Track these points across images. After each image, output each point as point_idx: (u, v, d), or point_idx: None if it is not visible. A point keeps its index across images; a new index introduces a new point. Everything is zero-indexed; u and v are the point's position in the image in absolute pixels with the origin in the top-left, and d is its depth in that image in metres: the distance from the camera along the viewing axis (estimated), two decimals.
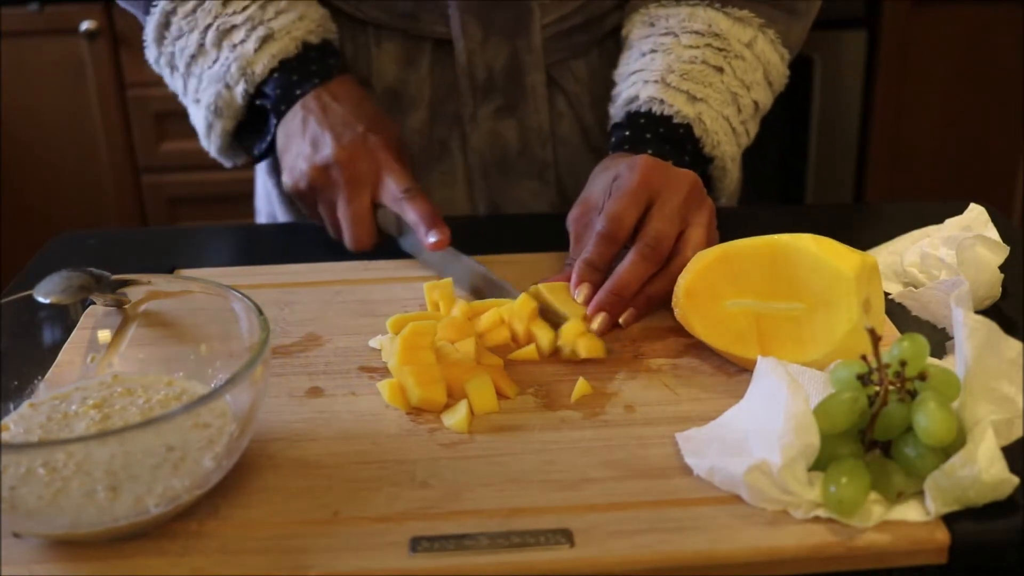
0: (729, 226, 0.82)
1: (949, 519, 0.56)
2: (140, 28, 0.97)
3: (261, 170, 1.13)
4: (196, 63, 0.94)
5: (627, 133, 0.91)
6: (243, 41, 0.91)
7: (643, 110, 0.91)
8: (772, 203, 2.33)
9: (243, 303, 0.65)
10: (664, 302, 0.77)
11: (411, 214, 0.85)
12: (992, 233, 0.81)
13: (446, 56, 1.00)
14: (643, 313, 0.78)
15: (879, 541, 0.55)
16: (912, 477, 0.57)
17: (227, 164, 1.00)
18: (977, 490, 0.56)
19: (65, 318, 0.70)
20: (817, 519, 0.56)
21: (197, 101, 0.96)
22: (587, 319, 0.75)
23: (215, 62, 0.93)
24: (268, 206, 1.14)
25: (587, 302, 0.76)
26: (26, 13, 2.13)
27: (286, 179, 0.91)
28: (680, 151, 0.89)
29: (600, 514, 0.57)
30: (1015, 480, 0.57)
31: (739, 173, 1.12)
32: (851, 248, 0.70)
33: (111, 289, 0.70)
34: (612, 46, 1.03)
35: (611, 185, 0.81)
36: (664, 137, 0.90)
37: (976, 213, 0.84)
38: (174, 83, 0.98)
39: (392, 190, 0.87)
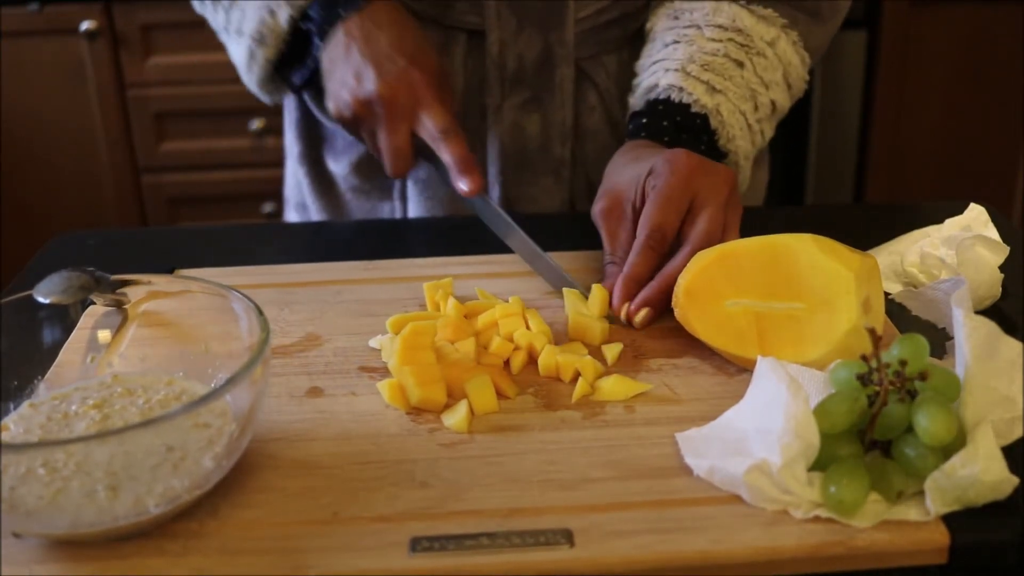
0: None
1: (949, 519, 0.56)
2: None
3: (292, 159, 1.14)
4: None
5: (644, 120, 0.91)
6: None
7: (662, 97, 0.91)
8: (772, 203, 2.33)
9: (243, 303, 0.65)
10: None
11: (445, 155, 0.86)
12: (992, 233, 0.81)
13: (479, 48, 1.00)
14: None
15: (879, 541, 0.55)
16: (912, 477, 0.57)
17: (267, 100, 1.01)
18: (977, 490, 0.56)
19: (65, 318, 0.70)
20: (817, 519, 0.56)
21: (239, 32, 0.96)
22: (630, 314, 0.76)
23: None
24: (298, 195, 1.14)
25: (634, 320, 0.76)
26: (26, 13, 2.13)
27: (330, 105, 0.92)
28: (696, 142, 0.90)
29: (600, 514, 0.57)
30: (1015, 480, 0.56)
31: (766, 175, 1.12)
32: (851, 248, 0.70)
33: (111, 289, 0.70)
34: (642, 43, 1.02)
35: (645, 181, 0.80)
36: (681, 126, 0.90)
37: (976, 213, 0.84)
38: (215, 18, 0.99)
39: (430, 129, 0.87)
